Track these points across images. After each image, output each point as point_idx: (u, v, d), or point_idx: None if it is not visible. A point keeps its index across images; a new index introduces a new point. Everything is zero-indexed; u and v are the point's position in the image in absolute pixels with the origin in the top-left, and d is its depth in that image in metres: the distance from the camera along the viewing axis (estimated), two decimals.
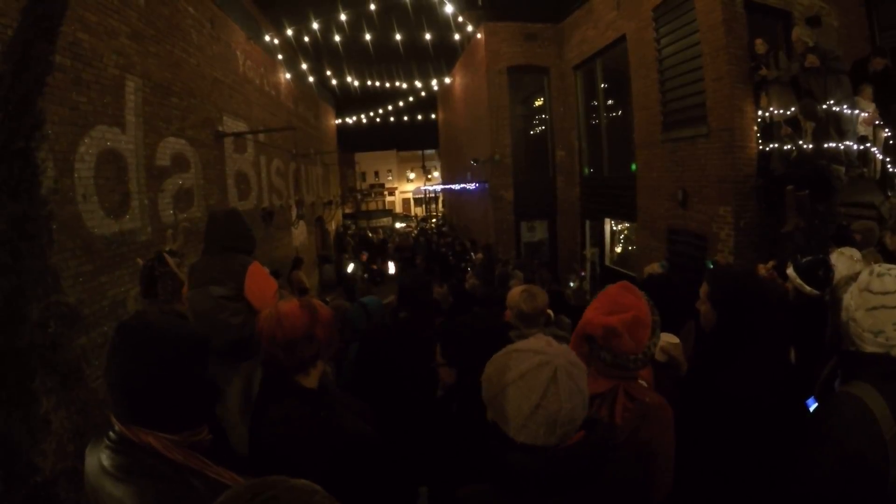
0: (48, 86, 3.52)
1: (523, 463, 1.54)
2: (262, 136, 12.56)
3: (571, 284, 11.42)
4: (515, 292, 3.69)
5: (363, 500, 1.93)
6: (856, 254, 3.66)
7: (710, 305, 2.53)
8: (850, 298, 2.33)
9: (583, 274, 14.97)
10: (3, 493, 3.15)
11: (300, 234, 16.20)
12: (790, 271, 3.77)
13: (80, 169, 5.53)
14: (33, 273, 3.43)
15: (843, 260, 3.59)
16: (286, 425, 1.98)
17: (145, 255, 5.28)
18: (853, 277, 3.16)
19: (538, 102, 17.16)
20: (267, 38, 13.67)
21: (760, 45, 8.02)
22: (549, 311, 3.77)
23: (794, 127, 7.62)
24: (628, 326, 2.11)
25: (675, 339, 2.79)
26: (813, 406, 2.70)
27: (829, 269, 3.58)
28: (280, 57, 15.02)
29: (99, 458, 1.62)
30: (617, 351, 2.12)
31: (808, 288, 3.60)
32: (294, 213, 15.28)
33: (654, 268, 7.22)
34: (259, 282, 3.67)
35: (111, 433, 1.64)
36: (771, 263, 4.79)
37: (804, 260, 3.75)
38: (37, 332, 3.51)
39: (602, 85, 14.36)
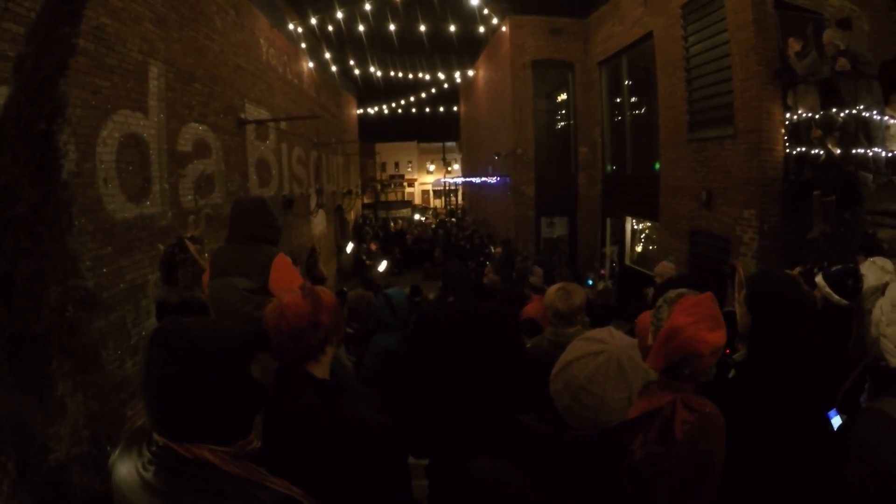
0: (71, 69, 3.52)
1: (553, 444, 1.61)
2: (283, 124, 12.59)
3: (590, 283, 11.32)
4: (552, 290, 3.62)
5: (375, 488, 1.94)
6: (888, 264, 3.56)
7: (746, 309, 2.47)
8: (880, 313, 2.26)
9: (602, 272, 14.88)
10: (17, 477, 3.17)
11: (319, 222, 16.24)
12: (819, 279, 3.70)
13: (101, 153, 5.56)
14: (52, 257, 3.43)
15: (873, 270, 3.51)
16: (298, 416, 1.96)
17: (165, 240, 5.29)
18: (880, 289, 3.09)
19: (562, 97, 17.04)
20: (290, 26, 13.67)
21: (794, 44, 7.86)
22: None
23: (823, 130, 7.48)
24: (724, 341, 2.11)
25: None
26: (834, 418, 2.64)
27: (858, 278, 3.51)
28: (303, 45, 15.02)
29: (138, 472, 1.51)
30: (700, 366, 2.10)
31: (836, 297, 3.53)
32: (314, 201, 15.30)
33: (667, 267, 7.17)
34: (284, 274, 3.59)
35: (153, 446, 1.52)
36: (797, 269, 4.70)
37: (834, 268, 3.68)
38: (55, 316, 3.52)
39: (627, 82, 14.22)
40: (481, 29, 15.42)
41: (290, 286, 3.51)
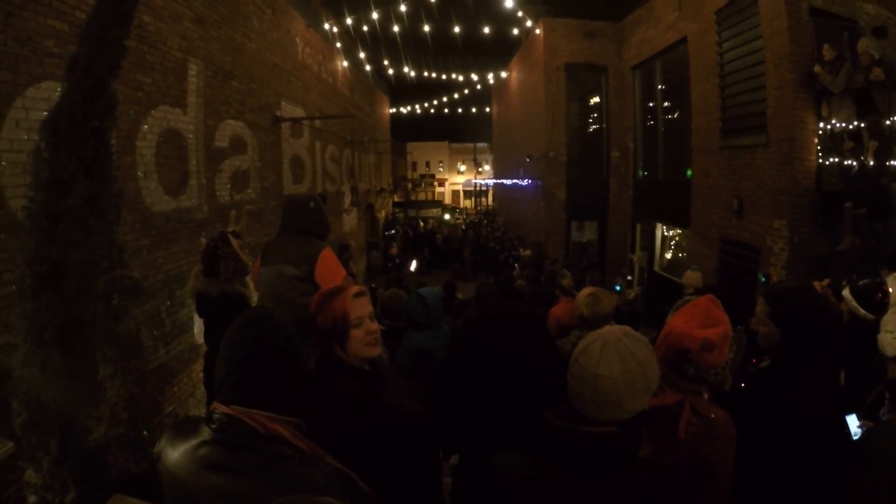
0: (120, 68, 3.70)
1: (567, 438, 1.70)
2: (318, 123, 12.77)
3: (617, 288, 11.26)
4: (582, 294, 3.71)
5: (407, 476, 2.03)
6: None
7: (772, 325, 2.45)
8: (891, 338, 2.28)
9: (629, 277, 14.77)
10: (58, 456, 3.34)
11: (351, 220, 16.41)
12: (846, 293, 3.69)
13: (141, 147, 5.74)
14: (101, 248, 3.63)
15: None
16: (337, 401, 2.06)
17: (201, 233, 5.44)
18: None
19: (594, 101, 16.93)
20: (326, 26, 13.84)
21: (828, 52, 7.76)
22: None
23: (856, 141, 7.38)
24: (721, 340, 2.15)
25: None
26: (851, 420, 2.66)
27: (885, 293, 3.50)
28: (338, 45, 15.19)
29: (195, 453, 1.56)
30: (702, 364, 2.14)
31: (862, 311, 3.53)
32: (348, 199, 15.47)
33: (693, 277, 7.16)
34: (330, 267, 3.84)
35: (213, 423, 1.58)
36: (826, 281, 4.68)
37: (861, 282, 3.67)
38: (101, 304, 3.71)
39: (660, 87, 14.09)
40: (515, 31, 15.42)
41: (334, 279, 3.72)
